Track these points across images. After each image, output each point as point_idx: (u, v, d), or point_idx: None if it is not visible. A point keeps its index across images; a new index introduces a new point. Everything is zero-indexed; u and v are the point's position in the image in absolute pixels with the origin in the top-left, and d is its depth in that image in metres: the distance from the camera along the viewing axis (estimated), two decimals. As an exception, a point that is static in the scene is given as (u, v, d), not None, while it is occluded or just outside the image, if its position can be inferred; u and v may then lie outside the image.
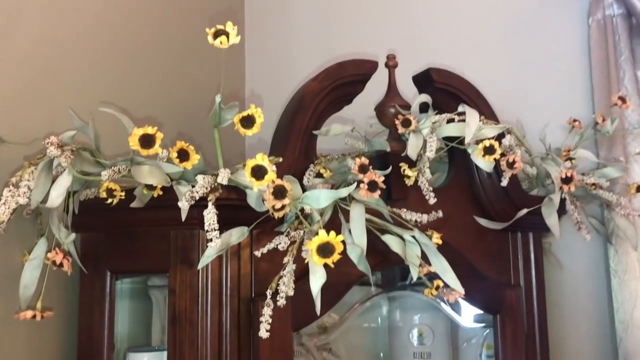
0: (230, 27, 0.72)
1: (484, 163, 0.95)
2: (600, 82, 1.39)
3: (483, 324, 1.24)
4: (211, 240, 0.76)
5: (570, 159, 1.15)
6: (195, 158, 0.78)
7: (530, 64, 1.47)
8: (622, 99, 1.17)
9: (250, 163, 0.72)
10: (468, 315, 1.27)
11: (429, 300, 1.25)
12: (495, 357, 1.10)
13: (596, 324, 1.37)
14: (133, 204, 0.82)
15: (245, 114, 0.76)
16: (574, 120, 1.29)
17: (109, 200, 0.84)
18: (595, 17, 1.41)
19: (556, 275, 1.39)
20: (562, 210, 1.13)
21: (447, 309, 1.26)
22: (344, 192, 0.80)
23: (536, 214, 1.09)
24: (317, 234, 0.71)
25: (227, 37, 0.72)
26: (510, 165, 0.96)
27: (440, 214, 1.02)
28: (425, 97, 1.02)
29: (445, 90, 1.07)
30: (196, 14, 1.38)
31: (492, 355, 1.17)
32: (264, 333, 0.82)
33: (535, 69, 1.47)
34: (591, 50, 1.41)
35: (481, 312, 1.19)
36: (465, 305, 1.27)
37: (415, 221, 0.98)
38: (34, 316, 0.79)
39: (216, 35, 0.72)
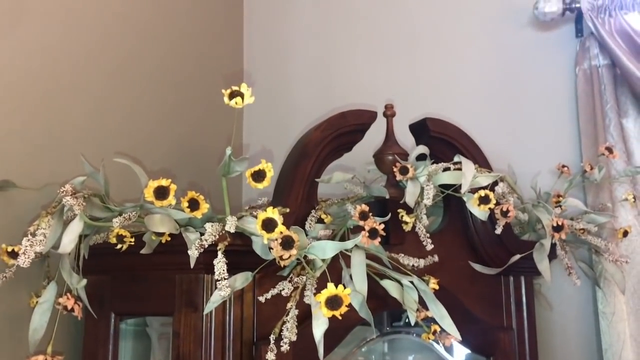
0: (245, 88, 0.77)
1: (479, 212, 0.99)
2: (587, 129, 1.45)
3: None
4: (218, 287, 0.79)
5: (560, 206, 1.19)
6: (204, 207, 0.81)
7: (521, 111, 1.53)
8: (609, 150, 1.22)
9: (262, 216, 0.76)
10: (460, 356, 1.29)
11: (422, 341, 1.27)
12: (489, 398, 1.13)
13: (587, 365, 1.40)
14: (143, 250, 0.85)
15: (256, 168, 0.79)
16: (563, 166, 1.34)
17: (119, 246, 0.86)
18: (582, 67, 1.47)
19: (547, 316, 1.42)
20: (552, 255, 1.17)
21: (440, 349, 1.28)
22: (349, 244, 0.83)
23: (528, 258, 1.13)
24: (319, 287, 0.74)
25: (242, 98, 0.76)
26: (504, 213, 1.00)
27: (436, 258, 1.05)
28: (423, 149, 1.07)
29: (441, 139, 1.12)
30: (208, 76, 1.45)
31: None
32: (267, 378, 0.84)
33: (525, 116, 1.53)
34: (578, 98, 1.47)
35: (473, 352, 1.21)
36: (457, 346, 1.30)
37: (412, 266, 1.01)
38: (45, 360, 0.80)
39: (232, 96, 0.76)
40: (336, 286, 0.80)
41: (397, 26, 1.65)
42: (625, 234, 1.30)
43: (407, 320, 1.19)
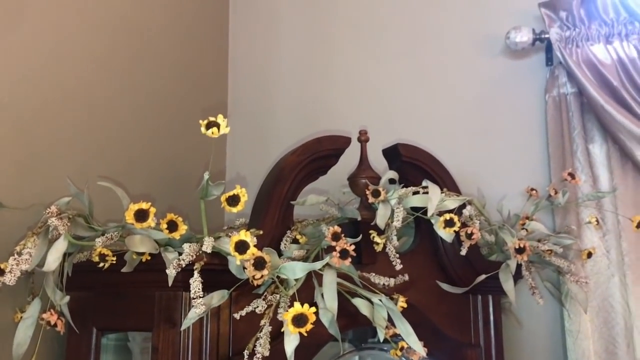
0: (221, 119, 0.82)
1: (445, 234, 1.05)
2: (556, 154, 1.51)
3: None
4: (195, 305, 0.84)
5: (525, 228, 1.25)
6: (183, 228, 0.86)
7: (493, 136, 1.60)
8: (572, 175, 1.29)
9: (235, 238, 0.81)
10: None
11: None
12: (457, 413, 1.17)
13: (555, 381, 1.45)
14: (124, 269, 0.90)
15: (231, 193, 0.84)
16: (532, 189, 1.41)
17: (101, 264, 0.91)
18: (552, 94, 1.54)
19: (516, 334, 1.48)
20: (518, 275, 1.22)
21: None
22: (318, 265, 0.88)
23: (495, 278, 1.19)
24: (292, 305, 0.79)
25: (218, 128, 0.81)
26: (469, 236, 1.06)
27: (406, 277, 1.10)
28: (393, 174, 1.12)
29: (412, 163, 1.18)
30: (188, 108, 1.51)
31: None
32: (240, 391, 0.88)
33: (498, 141, 1.59)
34: (548, 124, 1.54)
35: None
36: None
37: (383, 284, 1.06)
38: (28, 374, 0.84)
39: (208, 126, 0.81)
40: (310, 304, 0.85)
41: (374, 56, 1.72)
42: (589, 255, 1.36)
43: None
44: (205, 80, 1.68)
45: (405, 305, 1.02)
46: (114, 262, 0.91)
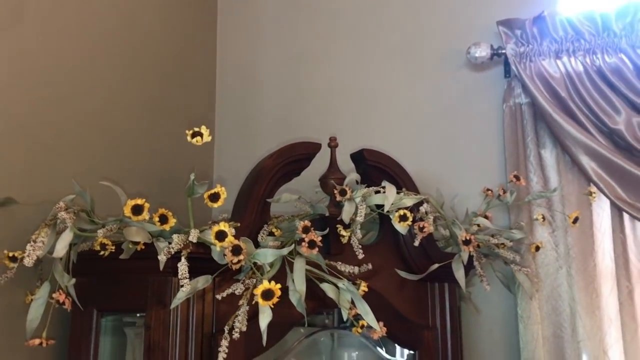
0: (204, 129, 0.97)
1: (400, 227, 1.21)
2: (511, 158, 1.67)
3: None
4: (182, 286, 0.99)
5: (478, 224, 1.41)
6: (172, 221, 1.01)
7: (456, 141, 1.75)
8: (517, 177, 1.45)
9: (215, 229, 0.96)
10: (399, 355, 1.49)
11: (366, 339, 1.47)
12: (414, 387, 1.33)
13: (507, 362, 1.61)
14: (122, 256, 1.05)
15: (212, 191, 1.00)
16: (487, 189, 1.57)
17: (102, 252, 1.06)
18: (508, 104, 1.70)
19: (474, 319, 1.63)
20: (470, 265, 1.38)
21: (381, 350, 1.48)
22: (285, 251, 1.04)
23: (450, 267, 1.34)
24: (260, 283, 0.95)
25: (202, 137, 0.97)
26: (421, 229, 1.21)
27: (370, 266, 1.26)
28: (355, 176, 1.28)
29: (375, 166, 1.33)
30: (179, 114, 1.67)
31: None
32: (221, 360, 1.04)
33: (460, 146, 1.75)
34: (505, 131, 1.70)
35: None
36: (398, 348, 1.50)
37: (349, 272, 1.22)
38: (41, 343, 0.99)
39: (193, 135, 0.97)
40: (282, 288, 1.00)
41: (346, 69, 1.88)
42: (537, 248, 1.52)
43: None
44: (195, 90, 1.84)
45: (366, 290, 1.17)
46: (113, 250, 1.06)
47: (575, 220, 1.46)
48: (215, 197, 1.00)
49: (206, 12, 1.96)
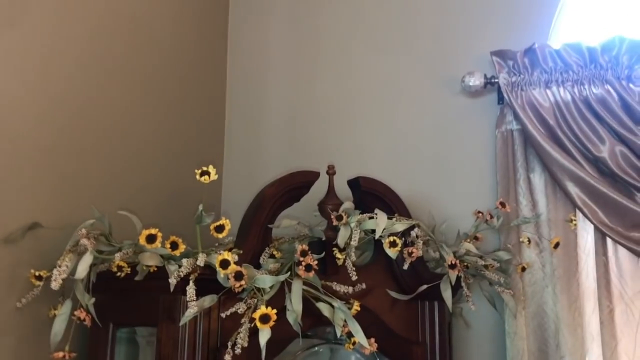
0: (212, 168, 1.09)
1: (391, 253, 1.31)
2: (502, 181, 1.76)
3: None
4: (190, 306, 1.10)
5: (468, 248, 1.51)
6: (182, 247, 1.12)
7: (450, 166, 1.85)
8: (502, 204, 1.55)
9: (219, 257, 1.07)
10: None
11: (362, 354, 1.58)
12: (405, 397, 1.44)
13: (495, 375, 1.71)
14: (137, 278, 1.16)
15: (218, 223, 1.11)
16: (478, 212, 1.66)
17: (118, 274, 1.17)
18: (501, 130, 1.79)
19: (464, 334, 1.73)
20: (458, 285, 1.48)
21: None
22: (281, 278, 1.15)
23: (439, 287, 1.45)
24: (260, 306, 1.06)
25: (209, 176, 1.08)
26: (410, 254, 1.32)
27: (364, 286, 1.36)
28: (349, 204, 1.38)
29: (370, 193, 1.44)
30: (190, 148, 1.80)
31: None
32: (225, 373, 1.15)
33: (454, 170, 1.85)
34: (497, 156, 1.79)
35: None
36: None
37: (344, 292, 1.32)
38: (64, 356, 1.11)
39: (202, 174, 1.08)
40: (280, 307, 1.11)
41: (345, 97, 1.99)
42: (523, 269, 1.62)
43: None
44: (205, 122, 1.96)
45: (358, 309, 1.28)
46: (129, 272, 1.18)
47: (556, 245, 1.56)
48: (220, 229, 1.11)
49: (216, 43, 2.07)
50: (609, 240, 1.64)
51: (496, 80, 1.78)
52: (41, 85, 1.33)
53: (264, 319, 1.07)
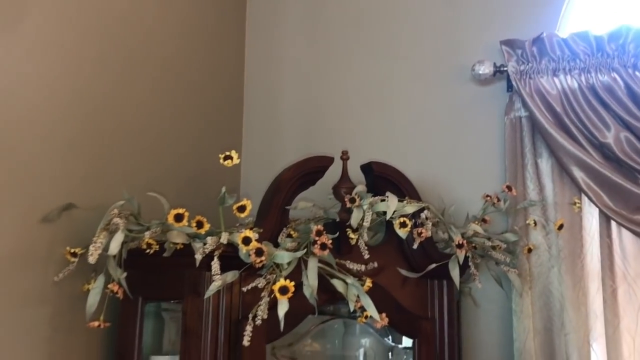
0: (234, 153, 1.18)
1: (401, 233, 1.39)
2: (511, 166, 1.83)
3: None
4: (214, 280, 1.19)
5: (476, 229, 1.58)
6: (207, 226, 1.21)
7: (461, 152, 1.92)
8: (509, 188, 1.62)
9: (241, 235, 1.16)
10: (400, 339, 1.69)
11: (374, 328, 1.67)
12: (414, 370, 1.52)
13: (502, 351, 1.78)
14: (165, 254, 1.26)
15: (240, 204, 1.20)
16: (487, 195, 1.73)
17: (148, 250, 1.27)
18: (509, 117, 1.85)
19: (473, 313, 1.81)
20: (466, 265, 1.55)
21: (388, 340, 1.67)
22: (299, 254, 1.24)
23: (447, 266, 1.52)
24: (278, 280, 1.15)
25: (232, 160, 1.17)
26: (419, 234, 1.40)
27: (375, 264, 1.44)
28: (362, 188, 1.46)
29: (382, 177, 1.51)
30: (208, 144, 1.88)
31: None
32: (246, 342, 1.24)
33: (465, 156, 1.91)
34: (506, 142, 1.85)
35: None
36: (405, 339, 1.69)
37: (357, 270, 1.40)
38: (99, 325, 1.21)
39: (225, 158, 1.17)
40: (297, 283, 1.20)
41: (359, 86, 2.05)
42: (530, 250, 1.69)
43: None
44: (224, 113, 2.05)
45: (370, 286, 1.36)
46: (157, 249, 1.27)
47: (561, 227, 1.63)
48: (242, 209, 1.20)
49: (235, 38, 2.15)
50: (613, 223, 1.70)
51: (505, 68, 1.83)
52: (71, 77, 1.42)
53: (283, 290, 1.16)
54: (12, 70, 1.27)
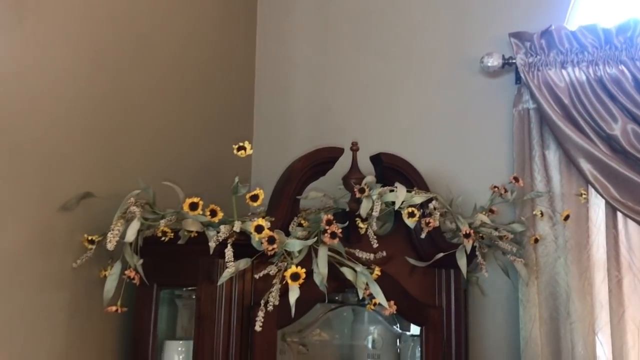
0: (247, 144, 1.21)
1: (409, 222, 1.42)
2: (519, 158, 1.85)
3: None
4: (228, 267, 1.23)
5: (482, 219, 1.61)
6: (220, 215, 1.25)
7: (470, 143, 1.94)
8: (516, 179, 1.64)
9: (254, 223, 1.20)
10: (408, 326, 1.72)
11: (382, 316, 1.70)
12: (421, 357, 1.55)
13: (508, 339, 1.81)
14: (179, 242, 1.29)
15: (253, 193, 1.24)
16: (494, 186, 1.75)
17: (163, 238, 1.30)
18: (518, 109, 1.87)
19: (481, 302, 1.84)
20: (473, 255, 1.58)
21: (393, 326, 1.71)
22: (309, 242, 1.27)
23: (455, 256, 1.55)
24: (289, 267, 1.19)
25: (245, 150, 1.20)
26: (427, 224, 1.43)
27: (384, 253, 1.47)
28: (371, 179, 1.48)
29: (391, 168, 1.54)
30: (220, 136, 1.92)
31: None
32: (258, 328, 1.28)
33: (473, 147, 1.93)
34: (514, 133, 1.87)
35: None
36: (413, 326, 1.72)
37: (366, 259, 1.43)
38: (117, 310, 1.25)
39: (238, 149, 1.20)
40: (307, 271, 1.24)
41: (370, 78, 2.07)
42: (536, 240, 1.72)
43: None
44: (235, 105, 2.08)
45: (379, 274, 1.39)
46: (172, 237, 1.31)
47: (566, 217, 1.65)
48: (255, 198, 1.24)
49: (245, 34, 2.19)
50: (619, 215, 1.72)
51: (514, 61, 1.85)
52: (89, 70, 1.46)
53: (294, 277, 1.19)
54: (30, 62, 1.30)
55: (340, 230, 1.34)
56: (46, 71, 1.34)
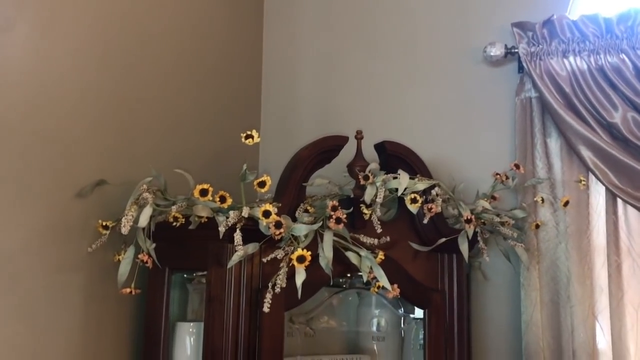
0: (255, 132, 1.26)
1: (412, 208, 1.46)
2: (521, 146, 1.88)
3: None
4: (237, 251, 1.28)
5: (484, 205, 1.65)
6: (229, 201, 1.30)
7: (473, 131, 1.97)
8: (517, 166, 1.68)
9: (262, 208, 1.25)
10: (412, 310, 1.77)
11: (386, 299, 1.75)
12: (424, 339, 1.60)
13: (510, 323, 1.86)
14: (190, 227, 1.35)
15: (260, 179, 1.28)
16: (497, 174, 1.79)
17: (174, 223, 1.36)
18: (520, 97, 1.90)
19: (483, 286, 1.88)
20: (475, 240, 1.63)
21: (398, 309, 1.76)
22: (315, 226, 1.32)
23: (457, 241, 1.60)
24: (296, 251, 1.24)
25: (252, 139, 1.25)
26: (429, 210, 1.47)
27: (388, 238, 1.52)
28: (375, 166, 1.53)
29: (395, 156, 1.58)
30: (228, 124, 1.96)
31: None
32: (266, 309, 1.33)
33: (476, 135, 1.96)
34: (516, 122, 1.91)
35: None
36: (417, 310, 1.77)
37: (370, 243, 1.48)
38: (131, 292, 1.31)
39: (246, 137, 1.25)
40: (313, 255, 1.29)
41: (374, 69, 2.11)
42: (537, 226, 1.75)
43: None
44: (243, 94, 2.13)
45: (383, 258, 1.44)
46: (183, 222, 1.36)
47: (566, 203, 1.69)
48: (262, 184, 1.28)
49: (253, 26, 2.23)
50: (619, 201, 1.75)
51: (516, 50, 1.88)
52: (101, 60, 1.51)
53: (300, 259, 1.24)
54: (47, 53, 1.35)
55: (345, 216, 1.39)
56: (61, 62, 1.39)
